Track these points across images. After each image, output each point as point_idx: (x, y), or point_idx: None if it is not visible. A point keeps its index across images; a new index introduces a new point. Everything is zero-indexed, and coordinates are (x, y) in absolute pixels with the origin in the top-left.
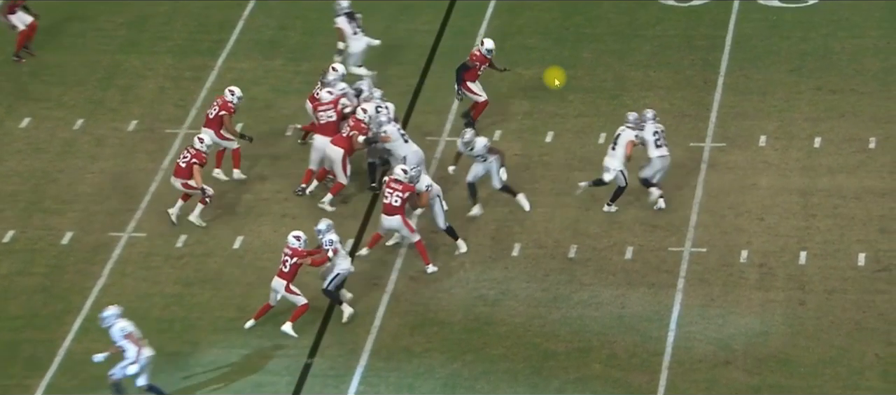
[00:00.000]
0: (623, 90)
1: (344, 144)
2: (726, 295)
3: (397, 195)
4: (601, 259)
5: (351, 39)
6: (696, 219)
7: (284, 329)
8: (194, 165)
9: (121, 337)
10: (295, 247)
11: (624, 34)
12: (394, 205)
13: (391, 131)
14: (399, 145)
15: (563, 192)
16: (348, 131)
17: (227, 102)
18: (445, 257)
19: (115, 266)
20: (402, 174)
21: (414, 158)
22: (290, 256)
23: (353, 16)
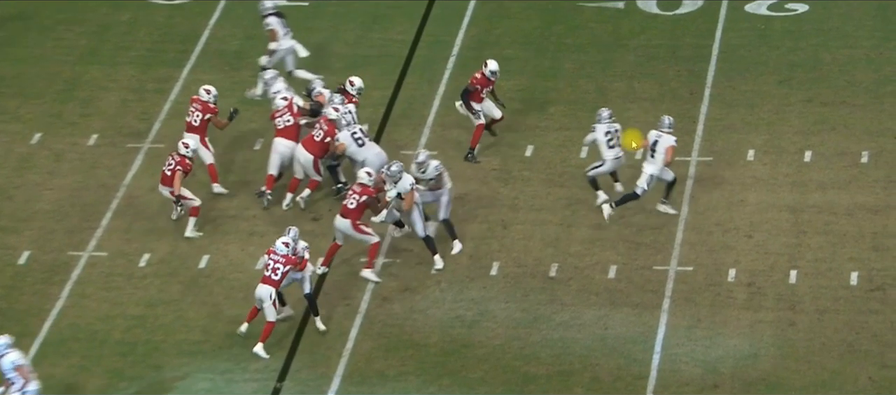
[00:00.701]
0: (606, 102)
1: (315, 150)
2: (713, 316)
3: (354, 198)
4: (583, 278)
5: (282, 39)
6: (682, 236)
7: (256, 350)
8: (177, 172)
9: (10, 369)
10: (286, 254)
11: (607, 44)
12: (348, 207)
13: (344, 138)
14: (355, 151)
15: (543, 208)
16: (322, 136)
17: (206, 104)
18: (421, 276)
19: (75, 287)
20: (366, 177)
21: (375, 160)
22: (283, 263)
23: (280, 15)
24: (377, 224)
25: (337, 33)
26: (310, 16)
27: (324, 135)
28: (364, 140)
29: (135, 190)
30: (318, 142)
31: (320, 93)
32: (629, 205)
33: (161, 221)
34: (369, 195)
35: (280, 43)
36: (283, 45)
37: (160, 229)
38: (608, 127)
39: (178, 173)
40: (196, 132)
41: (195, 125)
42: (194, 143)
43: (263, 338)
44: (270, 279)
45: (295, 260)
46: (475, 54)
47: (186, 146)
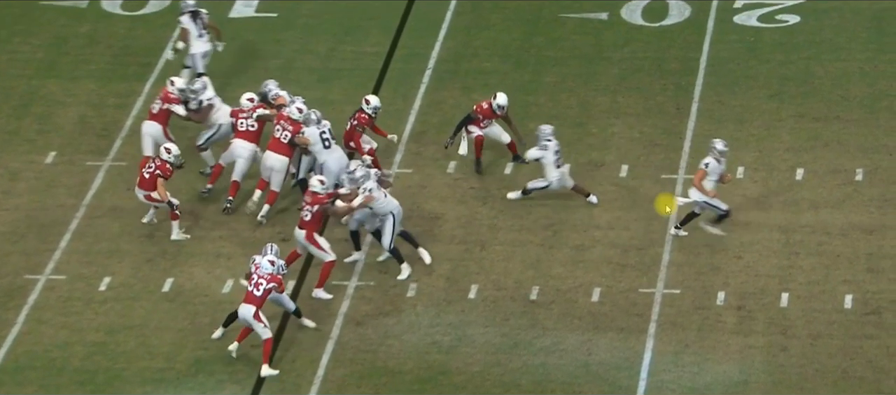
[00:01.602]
0: (588, 117)
1: (287, 151)
2: (702, 340)
3: (307, 209)
4: (566, 302)
5: (194, 41)
6: (669, 258)
7: (264, 373)
8: (158, 177)
9: None
10: (272, 273)
11: (589, 57)
12: (304, 219)
13: (310, 134)
14: (319, 151)
15: (524, 228)
16: (289, 136)
17: (168, 94)
18: (396, 299)
19: (32, 312)
20: (319, 186)
21: (335, 165)
22: (267, 280)
23: (198, 15)
24: (337, 242)
25: (307, 45)
26: (279, 27)
27: (290, 135)
28: (331, 142)
29: (95, 210)
30: (287, 144)
31: (278, 95)
32: (615, 225)
33: (123, 242)
34: (321, 204)
35: (191, 45)
36: (196, 47)
37: (122, 250)
38: (556, 146)
39: (159, 180)
40: (157, 121)
41: (155, 113)
42: (176, 150)
43: (266, 359)
44: (252, 296)
45: (279, 279)
46: (452, 67)
47: (168, 151)
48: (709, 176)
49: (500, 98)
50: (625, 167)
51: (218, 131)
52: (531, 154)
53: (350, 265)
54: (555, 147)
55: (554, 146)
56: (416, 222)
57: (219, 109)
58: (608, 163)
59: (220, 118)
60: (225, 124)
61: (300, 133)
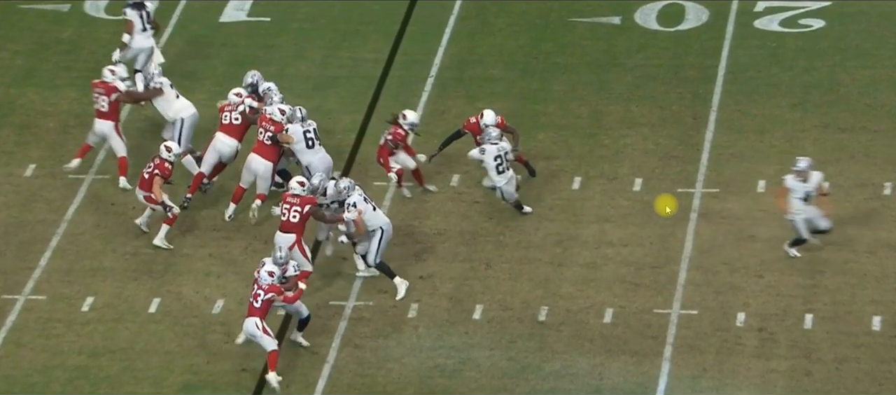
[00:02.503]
0: (600, 128)
1: (272, 156)
2: (721, 364)
3: (296, 210)
4: (576, 323)
5: (137, 34)
6: (686, 276)
7: (270, 379)
8: (155, 177)
9: None
10: (271, 284)
11: (601, 63)
12: (292, 222)
13: (294, 131)
14: (301, 150)
15: (531, 245)
16: (269, 137)
17: (108, 84)
18: (396, 320)
19: (10, 334)
20: (299, 188)
21: (320, 165)
22: (265, 291)
23: (143, 8)
24: (323, 252)
25: (302, 52)
26: (272, 32)
27: (272, 133)
28: (315, 142)
29: (77, 226)
30: (272, 146)
31: (267, 91)
32: (628, 241)
33: (106, 260)
34: (312, 204)
35: (133, 38)
36: (138, 42)
37: (105, 269)
38: (498, 150)
39: (156, 179)
40: (107, 119)
41: (104, 111)
42: (177, 148)
43: (272, 367)
44: (253, 308)
45: (278, 288)
46: (455, 75)
47: (169, 150)
48: (793, 193)
49: (487, 116)
50: (639, 181)
51: (183, 127)
52: (471, 154)
53: (347, 283)
54: (495, 151)
55: (495, 150)
56: (418, 238)
57: (169, 97)
58: (621, 176)
59: (180, 111)
60: (187, 118)
61: (284, 131)
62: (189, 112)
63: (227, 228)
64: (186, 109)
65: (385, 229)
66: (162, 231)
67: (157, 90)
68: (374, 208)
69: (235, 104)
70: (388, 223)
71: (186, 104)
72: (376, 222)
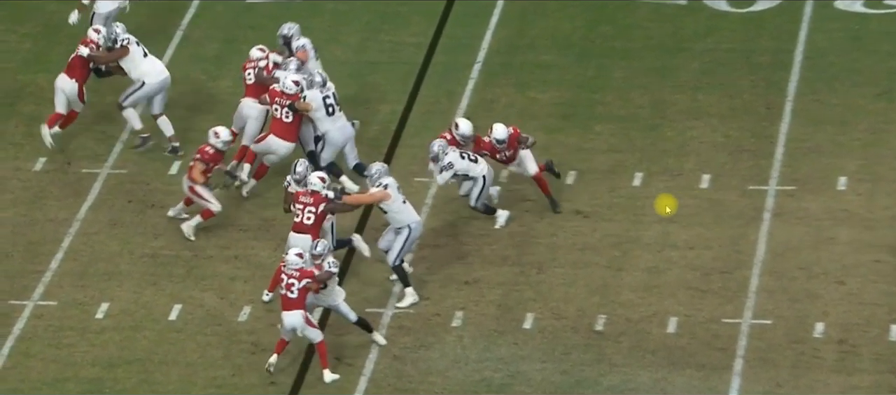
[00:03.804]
0: (664, 118)
1: (292, 135)
2: (797, 379)
3: (310, 211)
4: (637, 333)
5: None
6: (758, 282)
7: (327, 379)
8: (196, 160)
9: None
10: (302, 267)
11: (665, 48)
12: (306, 223)
13: (313, 98)
14: (321, 118)
15: (587, 247)
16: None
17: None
18: (439, 330)
19: (17, 344)
20: (320, 184)
21: (339, 135)
22: (297, 278)
23: None
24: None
25: (338, 35)
26: (305, 14)
27: (289, 101)
28: (335, 109)
29: (91, 225)
30: (290, 123)
31: (302, 48)
32: (694, 243)
33: (123, 263)
34: (326, 202)
35: (97, 2)
36: (101, 7)
37: (122, 272)
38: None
39: (197, 163)
40: (70, 76)
41: (70, 67)
42: (225, 134)
43: (324, 363)
44: (289, 300)
45: (311, 273)
46: (505, 61)
47: (217, 135)
48: None
49: (498, 131)
50: (706, 177)
51: (140, 89)
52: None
53: (385, 289)
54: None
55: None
56: (462, 239)
57: (134, 57)
58: (687, 171)
59: (145, 74)
60: (151, 84)
61: (302, 98)
62: (155, 78)
63: (254, 228)
64: (152, 73)
65: (413, 229)
66: (193, 221)
67: (122, 50)
68: (404, 202)
69: (257, 60)
70: (417, 223)
71: (154, 68)
72: (404, 218)
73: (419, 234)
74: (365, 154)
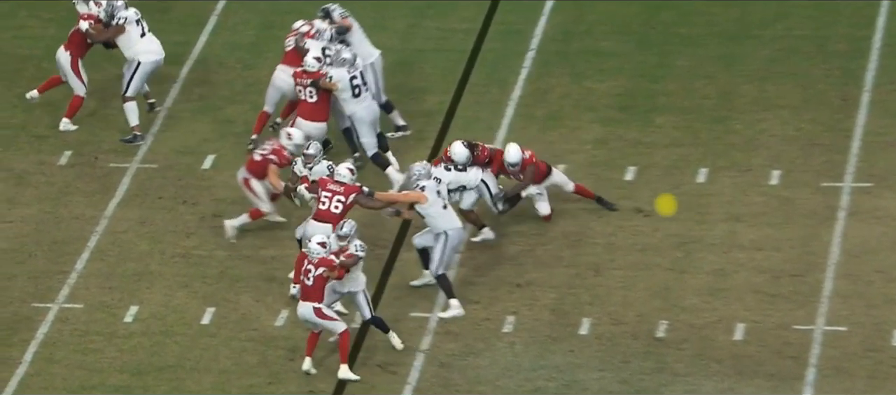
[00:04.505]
0: (731, 110)
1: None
2: (873, 391)
3: (339, 200)
4: (702, 340)
5: None
6: (832, 286)
7: (342, 375)
8: (270, 162)
9: None
10: (322, 256)
11: (732, 35)
12: (332, 212)
13: (340, 77)
14: (347, 100)
15: (648, 247)
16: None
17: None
18: (489, 335)
19: (41, 349)
20: (349, 175)
21: (366, 114)
22: (315, 265)
23: None
24: None
25: (382, 21)
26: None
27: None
28: (362, 89)
29: (119, 224)
30: (317, 103)
31: (346, 15)
32: (763, 244)
33: (153, 263)
34: (357, 193)
35: None
36: None
37: (151, 273)
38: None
39: (271, 166)
40: (66, 49)
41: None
42: (299, 136)
43: (344, 357)
44: (306, 289)
45: (330, 262)
46: (560, 48)
47: (289, 137)
48: None
49: (512, 153)
50: (776, 173)
51: (136, 71)
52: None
53: (430, 292)
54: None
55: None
56: (514, 239)
57: (131, 35)
58: (755, 167)
59: (140, 53)
60: (146, 64)
61: (327, 77)
62: (150, 57)
63: (291, 226)
64: (148, 52)
65: (450, 235)
66: (240, 218)
67: (118, 29)
68: (445, 207)
69: (299, 28)
70: (457, 230)
71: (151, 47)
72: (441, 224)
73: (459, 241)
74: (410, 149)
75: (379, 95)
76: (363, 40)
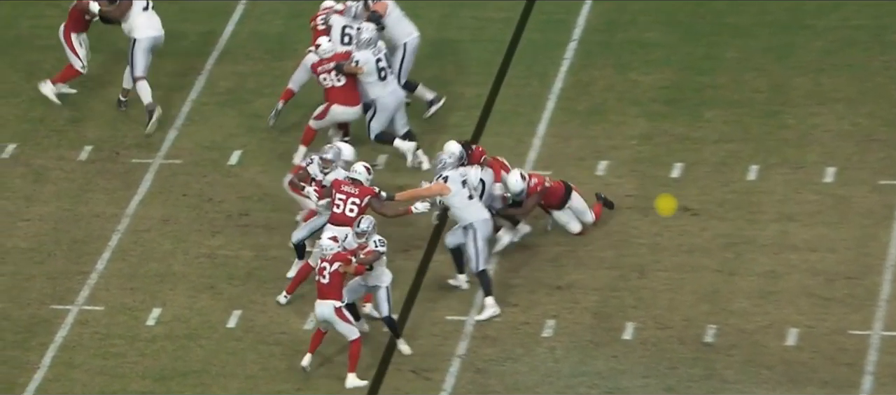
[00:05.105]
0: (784, 104)
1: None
2: None
3: (354, 202)
4: (751, 346)
5: None
6: (890, 289)
7: (349, 384)
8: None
9: None
10: (336, 251)
11: (785, 25)
12: (347, 215)
13: (365, 60)
14: (372, 83)
15: (696, 248)
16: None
17: None
18: (527, 340)
19: (60, 354)
20: (365, 174)
21: (391, 100)
22: (330, 261)
23: None
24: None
25: (416, 9)
26: None
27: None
28: (387, 72)
29: (142, 222)
30: (347, 86)
31: (358, 63)
32: (818, 245)
33: (176, 263)
34: (372, 195)
35: None
36: None
37: (175, 274)
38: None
39: None
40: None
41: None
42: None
43: (352, 366)
44: (321, 286)
45: (345, 256)
46: (603, 39)
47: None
48: None
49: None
50: (831, 170)
51: (134, 49)
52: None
53: (466, 294)
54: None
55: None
56: (555, 239)
57: (135, 10)
58: (809, 164)
59: (134, 29)
60: (141, 40)
61: (352, 60)
62: (145, 33)
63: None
64: (143, 27)
65: (477, 228)
66: (302, 229)
67: (126, 3)
68: (471, 198)
69: (331, 7)
70: (482, 221)
71: (148, 22)
72: (466, 215)
73: (487, 233)
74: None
75: (400, 77)
76: (401, 19)
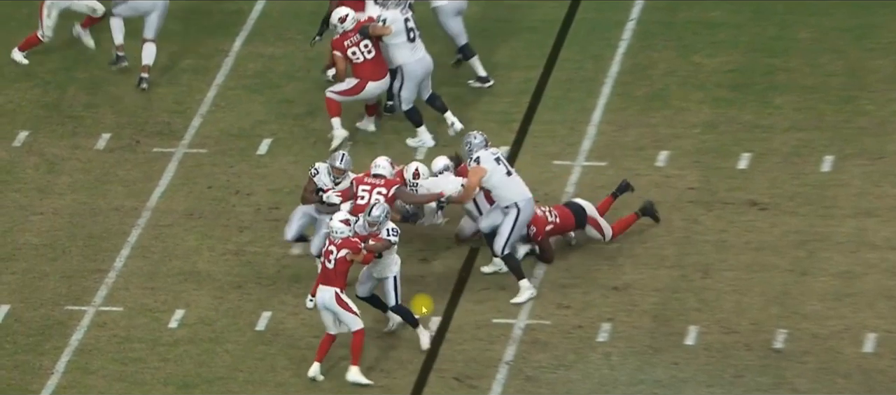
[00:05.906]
0: (861, 89)
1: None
2: None
3: (379, 193)
4: (826, 352)
5: None
6: None
7: (351, 378)
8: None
9: None
10: (345, 236)
11: (863, 3)
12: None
13: (393, 20)
14: (400, 45)
15: (765, 246)
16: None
17: None
18: (581, 345)
19: (76, 358)
20: (387, 167)
21: (418, 68)
22: (337, 247)
23: None
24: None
25: None
26: None
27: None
28: (416, 34)
29: (164, 216)
30: (375, 58)
31: (386, 24)
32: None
33: (201, 261)
34: (399, 185)
35: None
36: None
37: (200, 273)
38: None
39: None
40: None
41: None
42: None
43: (355, 360)
44: (325, 271)
45: (355, 243)
46: (664, 18)
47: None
48: None
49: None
50: None
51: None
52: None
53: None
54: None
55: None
56: None
57: None
58: (889, 154)
59: None
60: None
61: (379, 21)
62: None
63: None
64: None
65: (521, 208)
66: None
67: None
68: (509, 174)
69: None
70: (527, 200)
71: None
72: (510, 194)
73: (531, 214)
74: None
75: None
76: None
